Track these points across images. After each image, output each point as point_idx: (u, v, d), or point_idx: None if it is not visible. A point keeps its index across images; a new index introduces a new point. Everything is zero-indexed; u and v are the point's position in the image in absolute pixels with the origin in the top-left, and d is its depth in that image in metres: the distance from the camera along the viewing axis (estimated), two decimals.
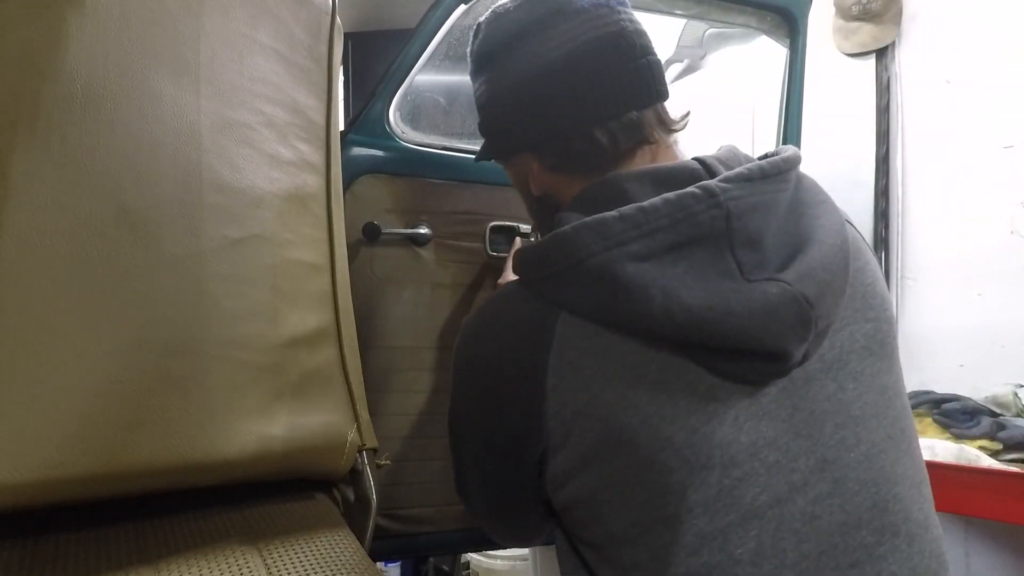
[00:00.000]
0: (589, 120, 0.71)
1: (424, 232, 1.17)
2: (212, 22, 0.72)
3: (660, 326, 0.60)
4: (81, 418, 0.58)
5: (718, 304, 0.59)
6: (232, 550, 0.63)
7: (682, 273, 0.61)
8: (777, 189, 0.67)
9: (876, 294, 0.71)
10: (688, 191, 0.63)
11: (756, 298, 0.61)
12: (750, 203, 0.64)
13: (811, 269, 0.64)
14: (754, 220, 0.63)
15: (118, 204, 0.62)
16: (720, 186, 0.63)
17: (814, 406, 0.64)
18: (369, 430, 0.83)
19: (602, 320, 0.62)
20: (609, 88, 0.71)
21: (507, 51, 0.74)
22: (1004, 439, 1.60)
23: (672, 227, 0.62)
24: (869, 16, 2.19)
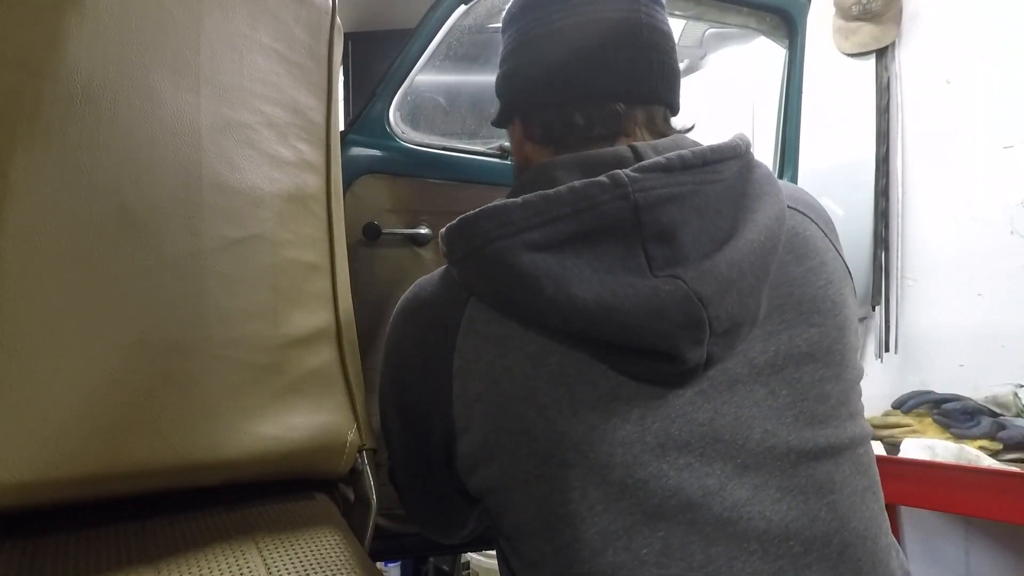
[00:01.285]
0: (572, 99, 0.69)
1: (424, 232, 1.17)
2: (212, 22, 0.72)
3: (551, 318, 0.58)
4: (81, 418, 0.58)
5: (607, 299, 0.57)
6: (232, 550, 0.63)
7: (583, 265, 0.59)
8: (701, 180, 0.62)
9: (827, 298, 0.66)
10: (596, 180, 0.60)
11: (645, 295, 0.58)
12: (662, 194, 0.60)
13: (715, 266, 0.60)
14: (667, 213, 0.59)
15: (118, 204, 0.62)
16: (630, 175, 0.60)
17: (740, 411, 0.61)
18: (369, 430, 0.83)
19: (503, 308, 0.62)
20: (600, 73, 0.69)
21: (523, 14, 0.73)
22: (1004, 439, 1.60)
23: (574, 216, 0.59)
24: (869, 16, 2.19)
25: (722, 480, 0.59)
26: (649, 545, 0.57)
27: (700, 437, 0.60)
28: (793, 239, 0.67)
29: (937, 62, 2.10)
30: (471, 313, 0.63)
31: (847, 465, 0.63)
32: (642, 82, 0.69)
